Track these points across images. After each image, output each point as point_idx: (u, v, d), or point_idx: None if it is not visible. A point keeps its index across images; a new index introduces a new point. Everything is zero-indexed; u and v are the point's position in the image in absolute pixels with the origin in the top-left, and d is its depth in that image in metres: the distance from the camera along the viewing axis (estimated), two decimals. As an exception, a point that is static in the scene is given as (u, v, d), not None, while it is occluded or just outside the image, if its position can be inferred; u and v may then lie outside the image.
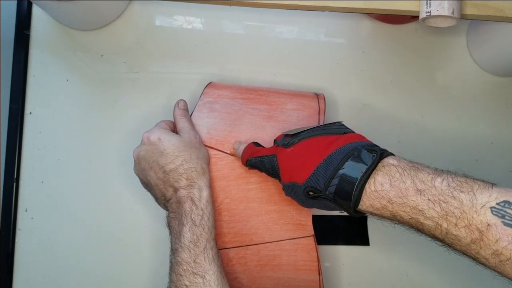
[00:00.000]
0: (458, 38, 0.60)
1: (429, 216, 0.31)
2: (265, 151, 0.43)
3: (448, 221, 0.30)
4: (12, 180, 0.52)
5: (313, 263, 0.46)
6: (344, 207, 0.36)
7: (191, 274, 0.38)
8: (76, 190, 0.53)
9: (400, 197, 0.32)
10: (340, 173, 0.34)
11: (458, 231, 0.30)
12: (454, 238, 0.31)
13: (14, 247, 0.52)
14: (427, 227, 0.32)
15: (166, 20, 0.58)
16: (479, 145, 0.58)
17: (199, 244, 0.40)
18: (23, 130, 0.54)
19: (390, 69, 0.59)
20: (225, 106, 0.49)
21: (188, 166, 0.43)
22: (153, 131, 0.45)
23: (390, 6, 0.46)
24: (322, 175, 0.35)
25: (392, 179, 0.33)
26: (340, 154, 0.35)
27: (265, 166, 0.42)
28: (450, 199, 0.30)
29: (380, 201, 0.33)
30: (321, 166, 0.36)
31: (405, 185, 0.32)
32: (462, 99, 0.59)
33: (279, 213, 0.47)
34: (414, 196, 0.32)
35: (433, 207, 0.31)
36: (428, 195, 0.31)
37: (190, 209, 0.41)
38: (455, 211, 0.30)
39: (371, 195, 0.34)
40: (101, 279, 0.52)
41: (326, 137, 0.38)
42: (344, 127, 0.40)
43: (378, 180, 0.33)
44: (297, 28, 0.59)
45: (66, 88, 0.55)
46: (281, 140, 0.42)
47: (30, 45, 0.56)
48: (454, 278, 0.54)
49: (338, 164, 0.35)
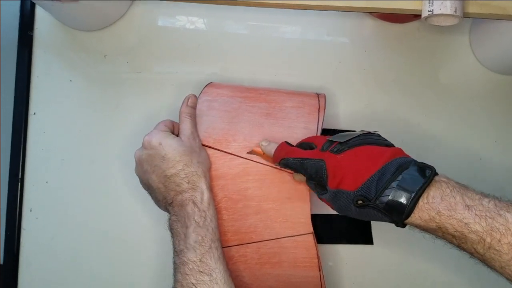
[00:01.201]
0: (461, 36, 0.60)
1: (474, 229, 0.33)
2: (307, 154, 0.42)
3: (492, 236, 0.32)
4: (17, 180, 0.53)
5: (313, 260, 0.46)
6: (393, 218, 0.36)
7: (198, 273, 0.38)
8: (80, 190, 0.53)
9: (449, 210, 0.34)
10: (393, 185, 0.35)
11: (501, 246, 0.32)
12: (496, 253, 0.32)
13: (19, 246, 0.52)
14: (470, 241, 0.33)
15: (169, 20, 0.58)
16: (483, 144, 0.57)
17: (204, 244, 0.40)
18: (27, 130, 0.54)
19: (392, 68, 0.58)
20: (223, 104, 0.49)
21: (189, 170, 0.43)
22: (154, 135, 0.45)
23: (393, 5, 0.46)
24: (375, 185, 0.36)
25: (443, 193, 0.35)
26: (393, 166, 0.36)
27: (306, 169, 0.41)
28: (496, 216, 0.32)
29: (429, 213, 0.35)
30: (374, 176, 0.36)
31: (455, 200, 0.34)
32: (465, 97, 0.58)
33: (277, 211, 0.47)
34: (462, 210, 0.33)
35: (479, 221, 0.33)
36: (475, 211, 0.33)
37: (192, 211, 0.41)
38: (500, 228, 0.32)
39: (422, 208, 0.35)
40: (105, 279, 0.52)
41: (375, 148, 0.39)
42: (383, 138, 0.41)
43: (431, 194, 0.35)
44: (300, 28, 0.59)
45: (69, 88, 0.56)
46: (327, 145, 0.41)
47: (34, 46, 0.56)
48: (457, 277, 0.54)
49: (392, 176, 0.36)
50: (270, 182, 0.47)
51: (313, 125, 0.48)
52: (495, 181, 0.57)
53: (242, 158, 0.47)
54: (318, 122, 0.48)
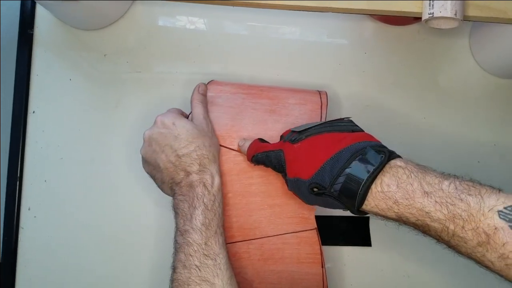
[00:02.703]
0: (461, 39, 0.60)
1: (436, 218, 0.32)
2: (271, 146, 0.43)
3: (455, 224, 0.31)
4: (15, 178, 0.53)
5: (316, 256, 0.46)
6: (348, 206, 0.36)
7: (202, 256, 0.39)
8: (79, 189, 0.53)
9: (407, 198, 0.33)
10: (346, 172, 0.35)
11: (465, 233, 0.30)
12: (460, 240, 0.31)
13: (17, 245, 0.52)
14: (434, 229, 0.32)
15: (169, 20, 0.58)
16: (482, 147, 0.57)
17: (210, 227, 0.40)
18: (27, 129, 0.54)
19: (392, 71, 0.59)
20: (227, 100, 0.49)
21: (201, 152, 0.43)
22: (168, 115, 0.45)
23: (393, 7, 0.46)
24: (328, 173, 0.36)
25: (399, 180, 0.33)
26: (347, 152, 0.36)
27: (271, 161, 0.42)
28: (458, 202, 0.31)
29: (386, 202, 0.34)
30: (327, 163, 0.36)
31: (412, 187, 0.33)
32: (465, 100, 0.58)
33: (281, 207, 0.47)
34: (421, 198, 0.32)
35: (440, 209, 0.31)
36: (435, 197, 0.32)
37: (202, 193, 0.41)
38: (463, 214, 0.30)
39: (377, 196, 0.34)
40: (103, 277, 0.52)
41: (334, 134, 0.38)
42: (353, 124, 0.41)
43: (385, 181, 0.34)
44: (300, 29, 0.59)
45: (69, 87, 0.56)
46: (288, 135, 0.42)
47: (34, 45, 0.56)
48: (456, 279, 0.54)
49: (345, 163, 0.35)
50: (274, 178, 0.47)
51: (316, 121, 0.48)
52: (493, 185, 0.56)
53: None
54: (321, 119, 0.49)
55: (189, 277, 0.38)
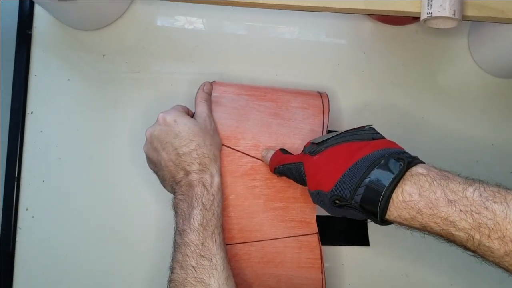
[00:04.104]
0: (459, 39, 0.60)
1: (460, 227, 0.30)
2: (292, 158, 0.43)
3: (480, 233, 0.30)
4: (13, 179, 0.53)
5: (317, 260, 0.46)
6: (371, 217, 0.35)
7: (199, 256, 0.38)
8: (77, 189, 0.53)
9: (430, 208, 0.32)
10: (366, 182, 0.34)
11: (491, 242, 0.29)
12: (487, 249, 0.30)
13: (14, 246, 0.52)
14: (459, 239, 0.31)
15: (168, 20, 0.58)
16: (480, 147, 0.58)
17: (208, 228, 0.40)
18: (25, 129, 0.54)
19: (391, 70, 0.59)
20: (231, 101, 0.49)
21: (202, 151, 0.43)
22: (170, 112, 0.45)
23: (391, 7, 0.46)
24: (348, 184, 0.35)
25: (421, 189, 0.32)
26: (366, 162, 0.35)
27: (292, 173, 0.42)
28: (483, 210, 0.30)
29: (409, 212, 0.32)
30: (346, 174, 0.35)
31: (435, 196, 0.31)
32: (463, 100, 0.59)
33: (284, 210, 0.47)
34: (445, 207, 0.31)
35: (465, 218, 0.30)
36: (459, 206, 0.31)
37: (201, 193, 0.41)
38: (488, 222, 0.29)
39: (399, 206, 0.33)
40: (102, 278, 0.52)
41: (352, 144, 0.38)
42: (374, 131, 0.40)
43: (407, 190, 0.32)
44: (299, 29, 0.59)
45: (67, 87, 0.56)
46: (308, 148, 0.42)
47: (32, 45, 0.56)
48: (454, 278, 0.54)
49: (364, 172, 0.34)
50: (278, 181, 0.47)
51: (319, 127, 0.49)
52: (492, 184, 0.57)
53: (250, 157, 0.48)
54: (323, 124, 0.49)
55: (185, 278, 0.38)
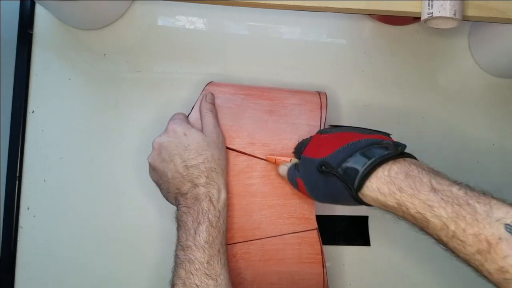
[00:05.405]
0: (460, 39, 0.60)
1: (437, 214, 0.30)
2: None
3: (456, 224, 0.29)
4: (15, 178, 0.53)
5: (317, 256, 0.46)
6: (348, 185, 0.35)
7: (203, 275, 0.38)
8: (78, 189, 0.53)
9: (412, 188, 0.32)
10: (358, 153, 0.35)
11: (466, 237, 0.29)
12: (460, 244, 0.30)
13: (16, 245, 0.52)
14: (433, 226, 0.31)
15: (169, 20, 0.58)
16: (481, 147, 0.57)
17: (214, 246, 0.39)
18: (26, 128, 0.54)
19: (391, 70, 0.59)
20: (226, 101, 0.49)
21: (210, 165, 0.43)
22: (179, 124, 0.45)
23: (392, 7, 0.46)
24: (341, 153, 0.36)
25: (409, 172, 0.33)
26: (367, 141, 0.36)
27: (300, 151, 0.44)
28: (464, 204, 0.29)
29: (390, 187, 0.33)
30: (344, 147, 0.37)
31: (421, 181, 0.32)
32: (464, 100, 0.59)
33: (282, 207, 0.47)
34: (427, 192, 0.31)
35: (444, 206, 0.30)
36: (441, 195, 0.31)
37: (208, 208, 0.41)
38: (467, 216, 0.29)
39: (381, 179, 0.33)
40: (103, 278, 0.52)
41: (361, 134, 0.39)
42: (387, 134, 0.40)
43: (394, 169, 0.33)
44: (299, 29, 0.59)
45: (68, 87, 0.56)
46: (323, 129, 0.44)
47: (33, 44, 0.56)
48: (455, 279, 0.54)
49: (363, 148, 0.35)
50: (275, 178, 0.47)
51: (316, 122, 0.48)
52: (492, 184, 0.56)
53: (246, 155, 0.48)
54: (321, 120, 0.49)
55: None
